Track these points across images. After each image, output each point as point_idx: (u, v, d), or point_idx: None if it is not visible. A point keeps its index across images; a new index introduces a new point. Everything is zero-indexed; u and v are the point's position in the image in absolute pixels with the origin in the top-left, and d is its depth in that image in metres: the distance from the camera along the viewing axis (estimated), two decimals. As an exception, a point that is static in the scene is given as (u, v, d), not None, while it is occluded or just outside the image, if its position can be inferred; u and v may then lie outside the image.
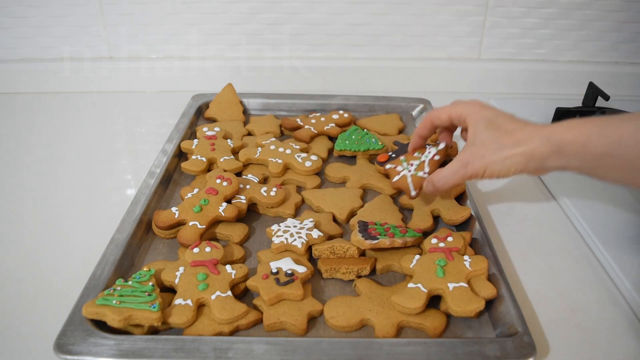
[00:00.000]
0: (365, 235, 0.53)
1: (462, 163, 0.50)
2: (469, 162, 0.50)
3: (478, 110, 0.52)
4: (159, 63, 0.94)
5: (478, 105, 0.53)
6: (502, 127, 0.50)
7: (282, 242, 0.55)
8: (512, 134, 0.49)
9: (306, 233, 0.56)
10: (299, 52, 0.95)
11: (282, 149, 0.70)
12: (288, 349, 0.43)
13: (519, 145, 0.48)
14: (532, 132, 0.48)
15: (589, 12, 0.93)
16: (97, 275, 0.50)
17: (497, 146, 0.49)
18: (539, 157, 0.47)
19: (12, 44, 0.92)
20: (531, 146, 0.47)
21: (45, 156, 0.76)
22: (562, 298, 0.53)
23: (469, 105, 0.53)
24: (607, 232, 0.59)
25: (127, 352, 0.43)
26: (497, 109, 0.53)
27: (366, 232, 0.54)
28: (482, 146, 0.50)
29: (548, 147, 0.47)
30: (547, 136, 0.47)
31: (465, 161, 0.50)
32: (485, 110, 0.52)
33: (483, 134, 0.50)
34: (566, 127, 0.47)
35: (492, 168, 0.49)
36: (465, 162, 0.50)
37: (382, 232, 0.54)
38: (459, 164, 0.51)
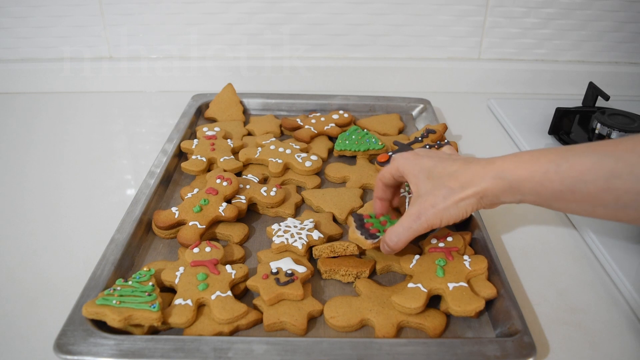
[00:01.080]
0: (365, 234, 0.53)
1: (414, 217, 0.48)
2: (420, 214, 0.48)
3: (414, 161, 0.50)
4: (159, 63, 0.94)
5: (413, 156, 0.51)
6: (444, 172, 0.48)
7: (282, 242, 0.55)
8: (458, 176, 0.47)
9: (307, 234, 0.56)
10: (299, 52, 0.95)
11: (282, 149, 0.70)
12: (288, 349, 0.43)
13: (468, 187, 0.46)
14: (479, 171, 0.46)
15: (589, 12, 0.93)
16: (97, 275, 0.50)
17: (446, 192, 0.47)
18: (492, 194, 0.46)
19: (12, 44, 0.92)
20: (482, 186, 0.46)
21: (45, 156, 0.76)
22: (562, 298, 0.53)
23: (404, 159, 0.51)
24: (607, 232, 0.59)
25: (127, 352, 0.43)
26: (434, 155, 0.51)
27: (364, 229, 0.54)
28: (429, 195, 0.48)
29: (500, 184, 0.45)
30: (497, 174, 0.45)
31: (417, 214, 0.48)
32: (421, 160, 0.50)
33: (426, 184, 0.48)
34: (518, 163, 0.45)
35: (448, 214, 0.47)
36: (417, 215, 0.48)
37: (380, 228, 0.54)
38: (410, 219, 0.48)
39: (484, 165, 0.47)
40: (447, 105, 0.92)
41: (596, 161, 0.40)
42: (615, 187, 0.39)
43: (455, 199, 0.47)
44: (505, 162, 0.46)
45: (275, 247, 0.55)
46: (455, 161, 0.49)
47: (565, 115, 0.80)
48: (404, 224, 0.49)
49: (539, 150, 0.45)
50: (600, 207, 0.41)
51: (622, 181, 0.39)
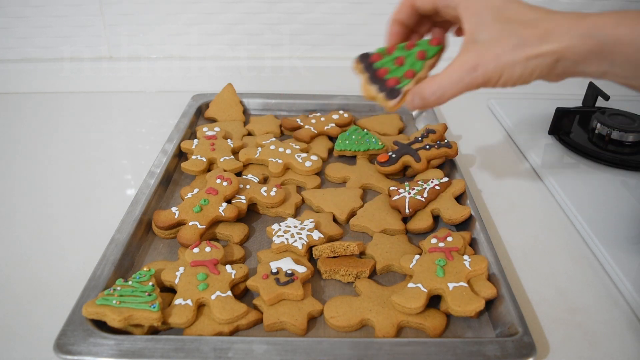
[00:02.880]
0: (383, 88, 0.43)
1: (469, 66, 0.38)
2: (478, 64, 0.38)
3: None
4: (159, 63, 0.94)
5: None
6: (519, 17, 0.38)
7: (282, 242, 0.55)
8: (535, 25, 0.37)
9: (307, 234, 0.56)
10: (299, 52, 0.95)
11: (282, 149, 0.70)
12: (288, 349, 0.43)
13: (547, 41, 0.37)
14: (565, 22, 0.37)
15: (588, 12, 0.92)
16: (97, 275, 0.50)
17: (517, 42, 0.37)
18: (574, 57, 0.37)
19: (12, 44, 0.92)
20: (565, 42, 0.36)
21: (45, 156, 0.76)
22: (562, 298, 0.53)
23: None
24: (607, 232, 0.59)
25: (127, 352, 0.43)
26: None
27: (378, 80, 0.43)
28: (493, 43, 0.38)
29: (589, 44, 0.36)
30: (588, 31, 0.36)
31: (473, 63, 0.38)
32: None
33: (492, 27, 0.38)
34: (618, 20, 0.36)
35: (511, 71, 0.38)
36: (474, 65, 0.38)
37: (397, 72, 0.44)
38: (463, 68, 0.39)
39: (573, 18, 0.37)
40: (447, 105, 0.92)
41: None
42: None
43: (527, 53, 0.37)
44: (602, 17, 0.36)
45: (275, 247, 0.55)
46: (533, 7, 0.39)
47: (565, 115, 0.80)
48: (453, 75, 0.40)
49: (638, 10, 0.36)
50: None
51: None
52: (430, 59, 0.44)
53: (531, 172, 0.74)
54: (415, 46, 0.44)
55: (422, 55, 0.43)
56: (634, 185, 0.68)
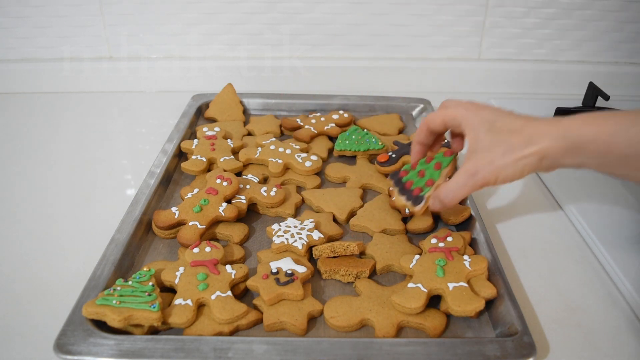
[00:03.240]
0: (410, 198, 0.52)
1: (470, 173, 0.46)
2: (477, 170, 0.45)
3: (475, 112, 0.48)
4: (159, 63, 0.94)
5: (473, 107, 0.49)
6: (507, 127, 0.46)
7: (282, 242, 0.55)
8: (520, 132, 0.45)
9: (307, 234, 0.56)
10: (299, 52, 0.95)
11: (282, 149, 0.70)
12: (288, 349, 0.43)
13: (530, 144, 0.44)
14: (543, 128, 0.44)
15: (589, 12, 0.93)
16: (97, 275, 0.50)
17: (506, 148, 0.45)
18: (553, 155, 0.44)
19: (12, 44, 0.92)
20: (544, 144, 0.43)
21: (45, 156, 0.76)
22: (562, 298, 0.53)
23: (464, 108, 0.49)
24: (607, 232, 0.59)
25: (127, 352, 0.43)
26: (495, 108, 0.48)
27: (406, 191, 0.52)
28: (488, 151, 0.45)
29: (564, 144, 0.43)
30: (562, 133, 0.43)
31: (473, 170, 0.46)
32: (483, 112, 0.48)
33: (486, 138, 0.46)
34: (583, 123, 0.43)
35: (505, 173, 0.45)
36: (474, 172, 0.46)
37: (420, 183, 0.53)
38: (466, 175, 0.46)
39: (549, 123, 0.44)
40: (447, 105, 0.92)
41: None
42: None
43: (515, 156, 0.44)
44: (571, 121, 0.43)
45: (275, 247, 0.55)
46: (518, 117, 0.47)
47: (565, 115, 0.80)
48: (459, 181, 0.47)
49: (608, 112, 0.43)
50: None
51: None
52: (445, 168, 0.53)
53: (531, 172, 0.74)
54: (432, 159, 0.55)
55: (438, 166, 0.53)
56: (634, 185, 0.68)
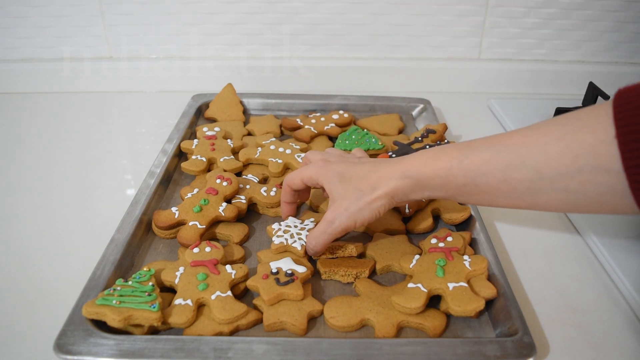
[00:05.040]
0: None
1: (328, 221, 0.50)
2: (335, 218, 0.49)
3: (326, 168, 0.52)
4: (159, 63, 0.94)
5: (323, 163, 0.53)
6: (355, 175, 0.50)
7: (281, 242, 0.55)
8: (368, 178, 0.49)
9: (306, 234, 0.56)
10: (299, 52, 0.95)
11: (282, 149, 0.70)
12: (288, 349, 0.43)
13: (378, 188, 0.48)
14: (387, 172, 0.49)
15: (589, 12, 0.93)
16: (97, 275, 0.50)
17: (357, 195, 0.49)
18: (402, 193, 0.48)
19: (12, 44, 0.92)
20: (391, 185, 0.48)
21: (45, 156, 0.76)
22: (562, 298, 0.53)
23: (317, 167, 0.53)
24: (607, 232, 0.59)
25: (127, 352, 0.43)
26: (343, 160, 0.54)
27: None
28: (343, 199, 0.49)
29: (408, 183, 0.47)
30: (404, 173, 0.47)
31: (331, 218, 0.50)
32: (332, 166, 0.52)
33: (339, 188, 0.50)
34: (423, 162, 0.47)
35: (362, 216, 0.49)
36: (331, 220, 0.50)
37: None
38: (324, 223, 0.50)
39: (391, 166, 0.49)
40: (447, 105, 0.92)
41: (493, 155, 0.43)
42: (511, 178, 0.42)
43: (366, 200, 0.49)
44: (410, 161, 0.48)
45: (275, 248, 0.55)
46: (364, 164, 0.51)
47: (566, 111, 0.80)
48: (320, 229, 0.51)
49: (440, 148, 0.48)
50: (500, 197, 0.44)
51: (516, 171, 0.41)
52: None
53: (531, 172, 0.74)
54: None
55: None
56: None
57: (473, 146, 0.45)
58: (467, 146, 0.45)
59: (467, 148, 0.45)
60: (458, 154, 0.45)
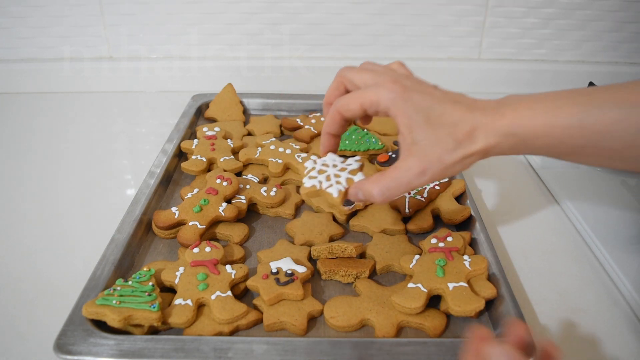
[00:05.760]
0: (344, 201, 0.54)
1: (418, 171, 0.41)
2: (426, 168, 0.41)
3: (404, 98, 0.41)
4: (159, 63, 0.94)
5: (400, 89, 0.42)
6: (446, 119, 0.41)
7: (313, 186, 0.44)
8: (461, 126, 0.40)
9: (347, 177, 0.45)
10: (299, 52, 0.95)
11: (282, 149, 0.70)
12: (288, 349, 0.43)
13: (475, 141, 0.40)
14: (487, 124, 0.40)
15: (589, 12, 0.93)
16: (97, 275, 0.50)
17: (453, 145, 0.40)
18: (500, 150, 0.41)
19: (12, 44, 0.92)
20: (490, 141, 0.40)
21: (45, 156, 0.76)
22: (562, 298, 0.53)
23: (390, 92, 0.41)
24: (607, 232, 0.59)
25: (127, 352, 0.43)
26: (423, 89, 0.42)
27: None
28: (433, 146, 0.41)
29: (511, 141, 0.40)
30: (509, 130, 0.40)
31: (422, 168, 0.41)
32: (413, 96, 0.41)
33: (425, 131, 0.41)
34: (532, 115, 0.39)
35: (453, 170, 0.42)
36: (422, 170, 0.41)
37: None
38: (410, 173, 0.41)
39: (492, 115, 0.40)
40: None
41: (623, 116, 0.37)
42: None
43: (463, 153, 0.41)
44: (517, 114, 0.40)
45: (305, 192, 0.44)
46: (455, 104, 0.42)
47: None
48: (402, 179, 0.41)
49: (554, 97, 0.40)
50: (620, 161, 0.39)
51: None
52: None
53: (531, 172, 0.74)
54: None
55: None
56: (634, 185, 0.68)
57: (594, 101, 0.38)
58: (586, 100, 0.38)
59: (588, 103, 0.38)
60: (577, 110, 0.38)
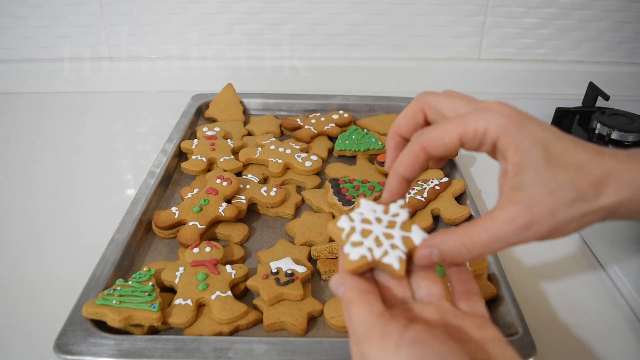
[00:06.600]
0: (342, 200, 0.53)
1: (520, 225, 0.31)
2: (531, 222, 0.31)
3: (519, 124, 0.32)
4: (159, 63, 0.94)
5: (513, 113, 0.32)
6: (569, 158, 0.31)
7: (363, 257, 0.32)
8: (589, 170, 0.31)
9: (402, 236, 0.33)
10: (299, 52, 0.95)
11: (282, 149, 0.70)
12: (288, 349, 0.43)
13: (603, 192, 0.31)
14: (621, 169, 0.31)
15: (588, 12, 0.93)
16: (97, 275, 0.50)
17: (574, 195, 0.31)
18: (629, 211, 0.32)
19: (12, 44, 0.92)
20: (624, 195, 0.31)
21: (45, 156, 0.76)
22: (562, 298, 0.53)
23: (500, 115, 0.32)
24: (607, 232, 0.59)
25: (127, 352, 0.43)
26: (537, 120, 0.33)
27: (341, 195, 0.54)
28: (547, 195, 0.31)
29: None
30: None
31: (526, 222, 0.31)
32: (530, 126, 0.32)
33: (542, 171, 0.31)
34: None
35: (565, 229, 0.32)
36: (526, 224, 0.31)
37: (354, 193, 0.57)
38: (513, 227, 0.31)
39: (627, 163, 0.31)
40: (447, 105, 0.92)
41: None
42: None
43: (585, 209, 0.31)
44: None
45: (354, 268, 0.32)
46: (578, 144, 0.32)
47: (565, 115, 0.80)
48: (499, 233, 0.31)
49: None
50: None
51: None
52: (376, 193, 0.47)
53: (531, 172, 0.74)
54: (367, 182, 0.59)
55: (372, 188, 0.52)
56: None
57: None
58: None
59: None
60: None
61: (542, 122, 0.33)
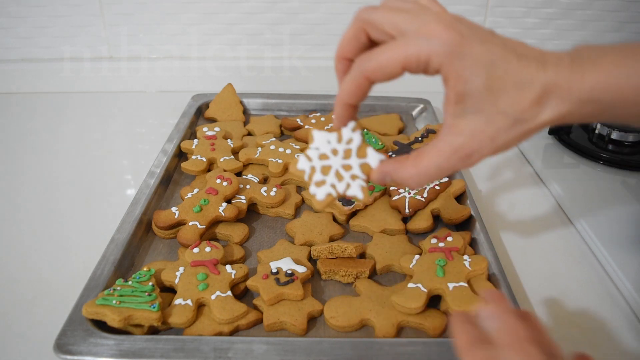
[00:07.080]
0: (341, 199, 0.54)
1: (463, 154, 0.33)
2: (473, 151, 0.32)
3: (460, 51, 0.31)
4: (159, 63, 0.94)
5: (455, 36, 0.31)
6: (511, 78, 0.31)
7: (329, 195, 0.35)
8: (530, 87, 0.31)
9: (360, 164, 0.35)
10: (299, 52, 0.95)
11: (282, 149, 0.70)
12: (288, 349, 0.43)
13: (544, 107, 0.31)
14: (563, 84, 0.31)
15: (589, 12, 0.93)
16: (97, 275, 0.50)
17: (513, 119, 0.31)
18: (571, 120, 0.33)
19: (12, 44, 0.92)
20: (564, 108, 0.31)
21: (45, 156, 0.76)
22: (562, 298, 0.53)
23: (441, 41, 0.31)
24: (607, 232, 0.59)
25: (127, 352, 0.43)
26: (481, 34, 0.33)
27: None
28: (488, 122, 0.32)
29: (590, 109, 0.32)
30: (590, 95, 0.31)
31: (468, 151, 0.32)
32: (473, 48, 0.31)
33: (482, 101, 0.31)
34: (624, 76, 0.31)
35: (506, 148, 0.33)
36: (468, 153, 0.33)
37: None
38: (457, 156, 0.33)
39: (568, 75, 0.31)
40: (447, 105, 0.92)
41: None
42: None
43: (524, 129, 0.32)
44: (602, 74, 0.31)
45: (322, 206, 0.35)
46: (521, 58, 0.32)
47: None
48: (442, 163, 0.33)
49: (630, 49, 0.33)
50: None
51: None
52: None
53: (531, 172, 0.74)
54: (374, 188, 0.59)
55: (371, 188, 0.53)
56: (634, 185, 0.68)
57: None
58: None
59: None
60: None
61: (486, 35, 0.33)
